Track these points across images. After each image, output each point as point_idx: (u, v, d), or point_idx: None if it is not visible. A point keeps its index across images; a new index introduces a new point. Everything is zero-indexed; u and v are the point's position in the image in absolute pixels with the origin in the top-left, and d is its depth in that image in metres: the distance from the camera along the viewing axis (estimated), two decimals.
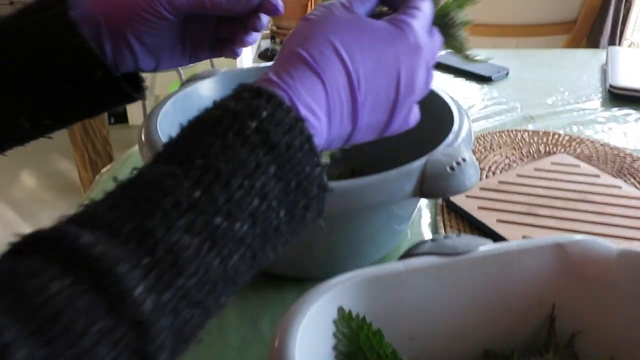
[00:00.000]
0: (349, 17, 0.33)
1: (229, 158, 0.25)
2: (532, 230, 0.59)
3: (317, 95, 0.30)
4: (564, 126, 0.86)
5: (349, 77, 0.31)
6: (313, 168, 0.28)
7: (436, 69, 1.10)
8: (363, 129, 0.33)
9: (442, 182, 0.45)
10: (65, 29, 0.37)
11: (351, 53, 0.31)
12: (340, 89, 0.31)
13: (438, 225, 0.62)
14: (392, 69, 0.32)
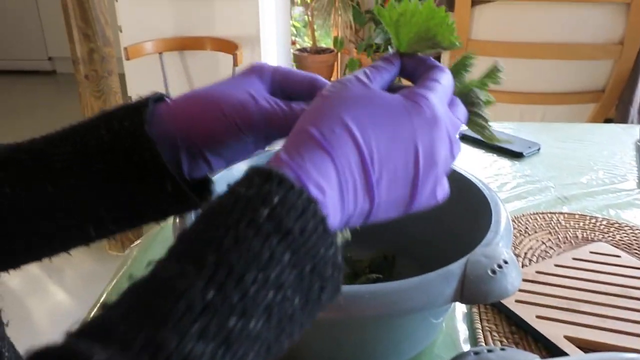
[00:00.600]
0: (363, 92, 0.32)
1: (242, 251, 0.24)
2: (574, 329, 0.56)
3: (328, 173, 0.29)
4: (600, 208, 0.84)
5: (361, 154, 0.30)
6: (328, 249, 0.27)
7: (467, 143, 1.10)
8: (383, 206, 0.32)
9: (483, 287, 0.43)
10: (141, 142, 0.36)
11: (363, 129, 0.30)
12: (352, 166, 0.30)
13: (474, 318, 0.60)
14: (408, 144, 0.31)
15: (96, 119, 0.39)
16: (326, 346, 0.51)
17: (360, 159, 0.30)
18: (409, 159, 0.31)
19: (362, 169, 0.30)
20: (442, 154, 0.33)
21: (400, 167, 0.31)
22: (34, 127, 3.55)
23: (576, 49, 1.86)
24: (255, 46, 2.50)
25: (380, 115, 0.31)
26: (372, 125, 0.30)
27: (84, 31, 1.74)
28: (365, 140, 0.30)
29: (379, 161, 0.30)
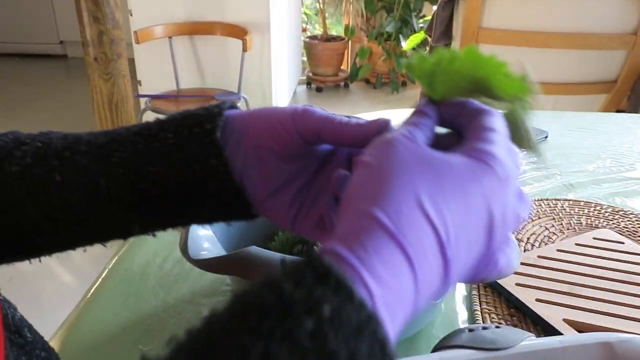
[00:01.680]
0: (420, 156, 0.27)
1: None
2: (574, 312, 0.56)
3: (399, 271, 0.23)
4: (606, 196, 0.84)
5: (439, 238, 0.24)
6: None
7: None
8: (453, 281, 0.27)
9: None
10: (207, 147, 0.35)
11: (436, 205, 0.25)
12: (427, 254, 0.24)
13: (472, 300, 0.60)
14: (481, 212, 0.26)
15: (168, 121, 0.37)
16: None
17: (438, 243, 0.24)
18: (480, 228, 0.26)
19: (441, 253, 0.25)
20: (512, 212, 0.28)
21: (474, 240, 0.26)
22: (45, 109, 3.58)
23: (589, 38, 1.84)
24: (265, 32, 2.49)
25: (449, 184, 0.26)
26: (444, 198, 0.25)
27: (93, 14, 1.75)
28: (440, 220, 0.25)
29: (454, 241, 0.25)
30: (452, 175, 0.26)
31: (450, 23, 1.95)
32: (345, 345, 0.20)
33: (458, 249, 0.25)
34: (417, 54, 0.33)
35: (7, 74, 4.23)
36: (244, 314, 0.21)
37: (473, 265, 0.27)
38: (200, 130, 0.35)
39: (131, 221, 0.37)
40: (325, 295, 0.20)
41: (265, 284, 0.21)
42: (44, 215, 0.37)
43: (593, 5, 1.80)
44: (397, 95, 3.76)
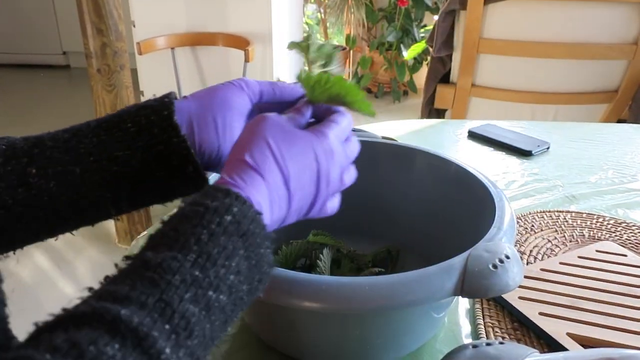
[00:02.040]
0: (281, 127, 0.41)
1: (215, 244, 0.32)
2: (577, 326, 0.56)
3: (263, 191, 0.38)
4: (609, 208, 0.84)
5: (283, 176, 0.39)
6: (265, 249, 0.36)
7: (476, 141, 1.10)
8: (292, 212, 0.41)
9: (484, 281, 0.43)
10: (167, 129, 0.43)
11: (283, 156, 0.39)
12: (278, 185, 0.39)
13: (476, 314, 0.60)
14: (313, 169, 0.41)
15: (123, 114, 0.44)
16: (327, 341, 0.51)
17: (283, 180, 0.39)
18: (313, 179, 0.41)
19: (285, 187, 0.39)
20: (335, 178, 0.42)
21: (307, 186, 0.41)
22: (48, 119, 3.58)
23: (589, 48, 1.84)
24: (267, 42, 2.50)
25: (295, 147, 0.40)
26: (289, 154, 0.39)
27: (97, 26, 1.75)
28: (285, 166, 0.39)
29: (293, 181, 0.39)
30: (296, 139, 0.40)
31: (451, 33, 1.96)
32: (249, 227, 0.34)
33: (296, 185, 0.39)
34: (305, 71, 0.46)
35: (10, 84, 4.25)
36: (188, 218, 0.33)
37: (309, 202, 0.41)
38: (157, 117, 0.44)
39: (106, 202, 0.45)
40: (232, 202, 0.34)
41: (191, 204, 0.34)
42: (23, 206, 0.42)
43: (593, 15, 1.81)
44: (399, 105, 3.77)
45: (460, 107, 2.04)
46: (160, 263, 0.30)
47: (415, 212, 0.68)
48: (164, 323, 0.28)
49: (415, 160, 0.68)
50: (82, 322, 0.27)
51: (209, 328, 0.31)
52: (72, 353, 0.25)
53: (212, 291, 0.31)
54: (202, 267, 0.31)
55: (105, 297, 0.29)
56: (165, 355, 0.27)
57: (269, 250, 0.36)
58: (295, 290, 0.42)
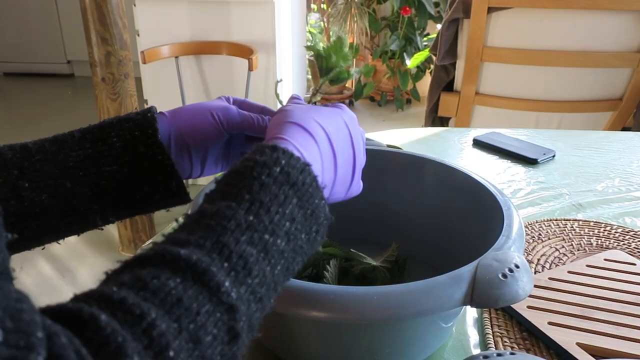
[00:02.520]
0: (305, 106, 0.44)
1: (267, 193, 0.34)
2: (587, 336, 0.55)
3: (312, 148, 0.39)
4: (616, 216, 0.83)
5: (327, 134, 0.41)
6: (320, 200, 0.36)
7: (481, 149, 1.09)
8: (339, 180, 0.43)
9: (494, 291, 0.42)
10: (152, 148, 0.46)
11: (322, 120, 0.42)
12: (324, 142, 0.41)
13: (484, 324, 0.59)
14: (346, 132, 0.43)
15: (106, 127, 0.46)
16: (335, 351, 0.50)
17: (327, 138, 0.41)
18: (347, 142, 0.43)
19: (329, 144, 0.41)
20: (362, 146, 0.45)
21: (346, 149, 0.43)
22: (52, 127, 3.60)
23: (593, 56, 1.84)
24: (271, 51, 2.51)
25: (326, 114, 0.43)
26: (326, 118, 0.42)
27: (101, 34, 1.76)
28: (326, 126, 0.41)
29: (335, 141, 0.42)
30: (325, 110, 0.43)
31: (455, 42, 1.96)
32: (299, 177, 0.35)
33: (338, 150, 0.41)
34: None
35: (15, 93, 4.27)
36: (239, 173, 0.35)
37: (351, 167, 0.43)
38: (142, 134, 0.46)
39: (93, 212, 0.46)
40: (279, 155, 0.35)
41: (241, 161, 0.36)
42: (15, 216, 0.43)
43: (597, 23, 1.81)
44: (402, 113, 3.77)
45: (463, 115, 2.03)
46: (216, 212, 0.32)
47: (422, 221, 0.68)
48: (222, 261, 0.30)
49: (423, 169, 0.67)
50: (146, 263, 0.29)
51: (269, 270, 0.32)
52: (137, 285, 0.27)
53: (268, 235, 0.32)
54: (256, 213, 0.32)
55: (166, 243, 0.31)
56: (225, 288, 0.29)
57: (324, 202, 0.37)
58: (302, 299, 0.42)
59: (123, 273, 0.29)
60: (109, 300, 0.26)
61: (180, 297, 0.27)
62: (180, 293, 0.27)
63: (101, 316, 0.24)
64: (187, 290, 0.27)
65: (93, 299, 0.26)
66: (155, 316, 0.26)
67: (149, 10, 2.48)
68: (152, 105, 0.49)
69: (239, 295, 0.29)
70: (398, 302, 0.41)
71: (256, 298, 0.31)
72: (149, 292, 0.27)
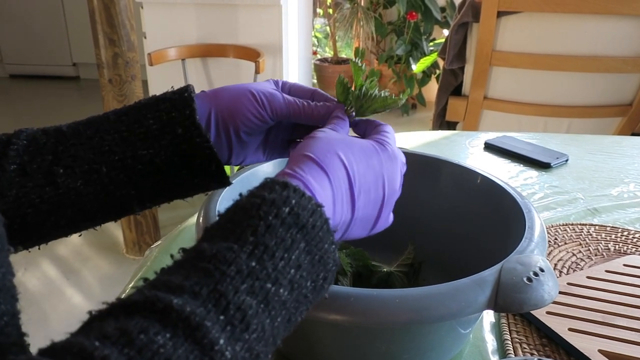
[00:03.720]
0: (342, 136, 0.41)
1: (273, 236, 0.31)
2: (609, 343, 0.53)
3: (325, 186, 0.36)
4: (632, 221, 0.82)
5: (347, 173, 0.38)
6: (330, 245, 0.34)
7: (494, 153, 1.08)
8: (358, 221, 0.39)
9: (519, 295, 0.41)
10: (191, 130, 0.43)
11: (348, 157, 0.38)
12: (341, 182, 0.37)
13: (502, 329, 0.58)
14: (378, 173, 0.40)
15: (142, 108, 0.44)
16: (352, 356, 0.49)
17: (347, 177, 0.38)
18: (379, 184, 0.40)
19: (349, 185, 0.38)
20: (399, 183, 0.42)
21: (373, 190, 0.40)
22: None
23: (603, 61, 1.83)
24: (278, 54, 2.50)
25: (358, 150, 0.40)
26: (353, 154, 0.39)
27: (109, 36, 1.76)
28: (349, 164, 0.38)
29: (359, 181, 0.39)
30: (359, 146, 0.40)
31: (463, 46, 1.95)
32: (309, 219, 0.32)
33: (360, 190, 0.38)
34: (347, 85, 0.48)
35: (21, 95, 4.27)
36: (243, 211, 0.32)
37: (374, 214, 0.40)
38: (179, 115, 0.43)
39: (130, 198, 0.44)
40: (290, 194, 0.33)
41: (248, 196, 0.33)
42: (51, 204, 0.42)
43: (607, 28, 1.80)
44: (407, 118, 3.76)
45: (472, 120, 2.02)
46: (215, 254, 0.29)
47: (439, 224, 0.66)
48: (218, 314, 0.27)
49: (439, 171, 0.66)
50: (134, 311, 0.26)
51: (269, 323, 0.29)
52: (122, 341, 0.24)
53: (271, 284, 0.30)
54: (259, 259, 0.30)
55: (158, 287, 0.28)
56: (219, 346, 0.26)
57: (334, 247, 0.34)
58: (321, 302, 0.41)
59: (108, 320, 0.26)
60: (89, 358, 0.23)
61: (168, 358, 0.24)
62: (169, 353, 0.24)
63: None
64: (177, 349, 0.25)
65: (71, 354, 0.24)
66: None
67: (156, 12, 2.48)
68: (189, 84, 0.46)
69: (234, 353, 0.27)
70: (420, 305, 0.40)
71: (252, 355, 0.28)
72: (135, 350, 0.24)
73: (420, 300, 0.40)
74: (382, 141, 0.42)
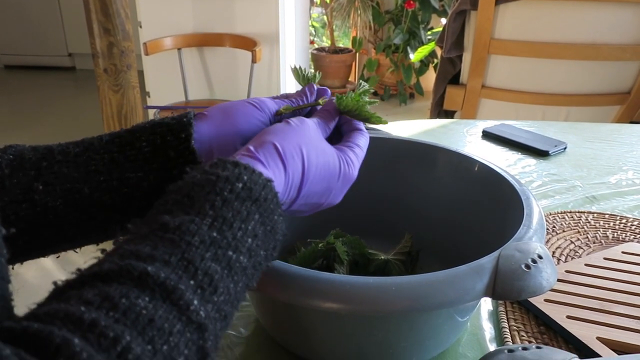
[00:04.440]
0: (317, 136, 0.43)
1: (230, 209, 0.33)
2: (608, 331, 0.53)
3: (279, 177, 0.39)
4: (631, 209, 0.81)
5: (304, 174, 0.40)
6: (279, 216, 0.36)
7: (491, 141, 1.07)
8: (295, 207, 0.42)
9: (517, 282, 0.41)
10: (184, 153, 0.42)
11: (309, 166, 0.41)
12: (295, 176, 0.40)
13: (500, 317, 0.57)
14: (327, 188, 0.43)
15: (137, 131, 0.43)
16: (348, 344, 0.49)
17: (301, 173, 0.40)
18: (323, 195, 0.43)
19: (301, 178, 0.40)
20: (339, 198, 0.45)
21: (316, 197, 0.43)
22: (53, 121, 3.58)
23: (602, 49, 1.82)
24: (274, 44, 2.49)
25: (322, 163, 0.42)
26: (314, 166, 0.41)
27: (104, 25, 1.74)
28: (310, 169, 0.41)
29: (309, 182, 0.41)
30: (324, 160, 0.42)
31: (461, 34, 1.94)
32: (261, 193, 0.35)
33: (308, 191, 0.41)
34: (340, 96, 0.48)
35: (16, 85, 4.25)
36: (199, 186, 0.34)
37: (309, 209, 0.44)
38: (174, 138, 0.42)
39: (112, 221, 0.43)
40: (241, 171, 0.35)
41: (202, 173, 0.35)
42: (26, 222, 0.40)
43: (606, 16, 1.79)
44: (405, 107, 3.75)
45: (470, 109, 2.01)
46: (179, 226, 0.31)
47: (436, 212, 0.66)
48: (189, 279, 0.29)
49: (437, 159, 0.66)
50: (110, 279, 0.27)
51: (232, 287, 0.31)
52: (105, 305, 0.25)
53: (232, 251, 0.32)
54: (219, 229, 0.32)
55: (128, 256, 0.29)
56: (194, 306, 0.28)
57: (282, 219, 0.37)
58: (317, 290, 0.40)
59: (83, 289, 0.27)
60: (79, 321, 0.24)
61: (152, 318, 0.26)
62: (151, 313, 0.26)
63: (74, 340, 0.23)
64: (157, 310, 0.26)
65: (58, 318, 0.24)
66: (130, 339, 0.24)
67: (151, 1, 2.46)
68: (189, 110, 0.45)
69: (207, 313, 0.29)
70: (417, 293, 0.39)
71: (221, 316, 0.30)
72: (120, 313, 0.25)
73: (418, 288, 0.40)
74: (348, 162, 0.44)
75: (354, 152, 0.45)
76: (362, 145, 0.47)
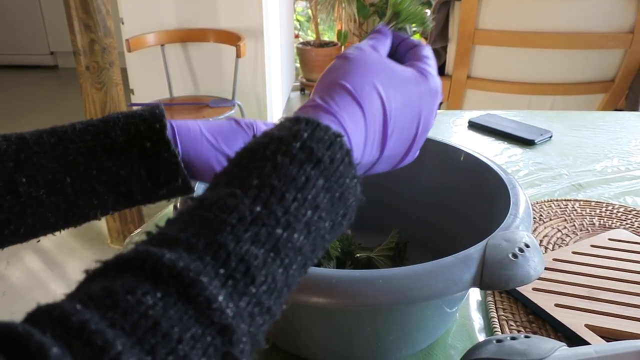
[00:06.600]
0: (381, 60, 0.37)
1: (281, 175, 0.28)
2: (595, 317, 0.53)
3: (358, 121, 0.34)
4: (617, 196, 0.82)
5: (384, 111, 0.35)
6: (352, 179, 0.31)
7: (477, 131, 1.07)
8: (385, 159, 0.37)
9: (504, 272, 0.40)
10: (159, 143, 0.41)
11: (386, 90, 0.35)
12: (376, 120, 0.35)
13: (488, 307, 0.57)
14: (415, 110, 0.37)
15: (110, 120, 0.42)
16: (336, 338, 0.48)
17: (382, 114, 0.35)
18: (414, 121, 0.37)
19: (383, 124, 0.35)
20: (433, 120, 0.40)
21: (407, 128, 0.37)
22: (36, 120, 3.54)
23: (585, 38, 1.82)
24: (259, 38, 2.47)
25: (398, 83, 0.36)
26: (392, 88, 0.36)
27: (84, 22, 1.72)
28: (387, 100, 0.35)
29: (394, 120, 0.36)
30: (400, 76, 0.37)
31: (446, 25, 1.94)
32: (326, 152, 0.29)
33: (394, 129, 0.36)
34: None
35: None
36: (250, 152, 0.30)
37: (402, 152, 0.38)
38: (148, 129, 0.42)
39: (92, 207, 0.43)
40: (301, 127, 0.29)
41: (256, 138, 0.30)
42: (10, 212, 0.40)
43: (589, 4, 1.79)
44: None
45: (455, 100, 2.01)
46: (216, 201, 0.27)
47: (423, 203, 0.65)
48: (217, 268, 0.24)
49: (423, 149, 0.65)
50: (124, 269, 0.24)
51: (281, 273, 0.26)
52: (106, 303, 0.22)
53: (281, 229, 0.26)
54: (265, 202, 0.27)
55: (152, 241, 0.25)
56: (217, 304, 0.23)
57: (356, 181, 0.31)
58: (302, 285, 0.39)
59: (97, 280, 0.24)
60: (67, 324, 0.21)
61: (157, 320, 0.22)
62: (158, 314, 0.22)
63: (52, 349, 0.19)
64: (167, 310, 0.22)
65: (51, 319, 0.21)
66: (122, 349, 0.20)
67: None
68: (159, 103, 0.45)
69: (237, 311, 0.24)
70: (404, 285, 0.39)
71: (262, 310, 0.25)
72: (119, 313, 0.21)
73: (405, 280, 0.39)
74: (425, 71, 0.38)
75: (424, 61, 0.40)
76: (428, 54, 0.41)
